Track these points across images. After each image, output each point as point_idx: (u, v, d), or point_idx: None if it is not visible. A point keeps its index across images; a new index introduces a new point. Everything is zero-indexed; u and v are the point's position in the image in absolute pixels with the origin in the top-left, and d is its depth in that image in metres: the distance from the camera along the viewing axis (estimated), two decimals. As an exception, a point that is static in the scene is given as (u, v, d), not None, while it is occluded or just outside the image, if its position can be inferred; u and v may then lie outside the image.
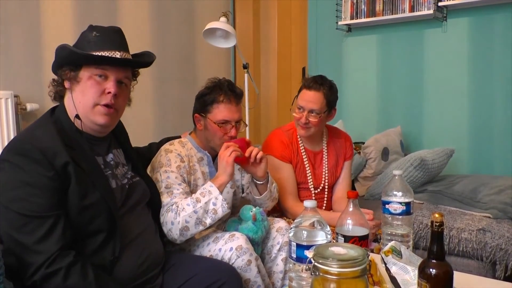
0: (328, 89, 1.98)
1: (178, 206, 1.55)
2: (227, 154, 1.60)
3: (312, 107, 1.96)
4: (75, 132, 1.32)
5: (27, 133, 1.28)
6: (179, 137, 1.94)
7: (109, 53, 1.31)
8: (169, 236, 1.57)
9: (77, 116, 1.32)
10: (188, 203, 1.55)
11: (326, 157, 2.15)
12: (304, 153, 2.11)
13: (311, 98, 1.96)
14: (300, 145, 2.10)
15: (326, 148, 2.16)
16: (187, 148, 1.75)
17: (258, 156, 1.71)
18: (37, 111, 2.33)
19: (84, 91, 1.31)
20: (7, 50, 2.26)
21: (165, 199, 1.59)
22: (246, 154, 1.68)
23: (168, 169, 1.64)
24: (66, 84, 1.34)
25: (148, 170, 1.73)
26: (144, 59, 1.45)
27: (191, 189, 1.70)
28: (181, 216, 1.53)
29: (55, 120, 1.32)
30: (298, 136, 2.10)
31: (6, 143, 2.14)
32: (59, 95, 1.37)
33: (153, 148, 1.86)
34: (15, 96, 2.24)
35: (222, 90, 1.73)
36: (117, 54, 1.32)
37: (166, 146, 1.74)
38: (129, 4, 2.85)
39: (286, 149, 2.06)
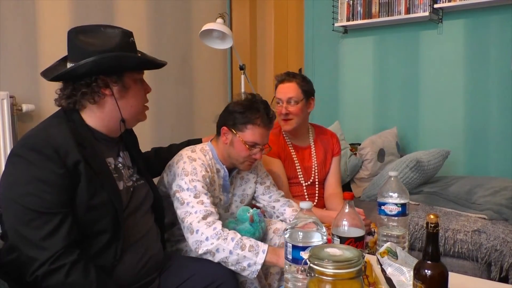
0: (301, 79, 2.09)
1: (223, 231, 1.48)
2: None
3: (289, 95, 2.05)
4: (88, 132, 1.33)
5: (42, 130, 1.28)
6: (201, 140, 1.92)
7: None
8: (189, 239, 1.51)
9: (122, 120, 1.37)
10: (233, 238, 1.47)
11: (314, 152, 2.20)
12: (292, 148, 2.16)
13: (286, 89, 2.06)
14: (287, 141, 2.16)
15: (313, 144, 2.21)
16: (208, 157, 1.72)
17: None
18: (32, 112, 2.32)
19: (137, 95, 1.38)
20: (2, 50, 2.25)
21: (198, 207, 1.53)
22: None
23: (195, 178, 1.60)
24: (107, 91, 1.32)
25: (166, 174, 1.70)
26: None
27: None
28: (218, 241, 1.46)
29: (69, 118, 1.32)
30: (283, 133, 2.16)
31: (1, 144, 2.14)
32: (86, 103, 1.33)
33: (173, 149, 1.85)
34: (11, 97, 2.23)
35: (259, 112, 1.67)
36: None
37: (189, 153, 1.68)
38: (125, 4, 2.84)
39: (273, 145, 2.08)
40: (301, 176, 2.14)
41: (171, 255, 1.58)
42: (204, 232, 1.48)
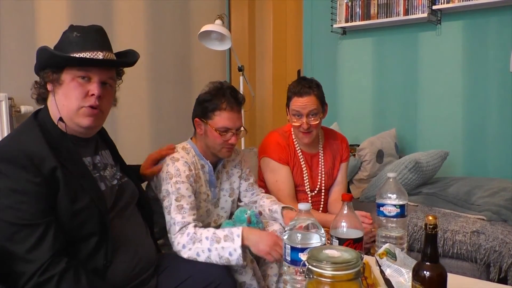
0: (316, 88, 1.98)
1: (196, 234, 1.51)
2: (280, 251, 1.47)
3: (309, 109, 1.94)
4: (60, 135, 1.29)
5: (12, 139, 1.25)
6: (139, 166, 1.84)
7: (91, 54, 1.27)
8: (177, 252, 1.53)
9: (60, 119, 1.29)
10: (207, 237, 1.49)
11: (322, 159, 2.13)
12: (301, 155, 2.09)
13: (305, 103, 1.94)
14: (297, 148, 2.09)
15: (322, 150, 2.14)
16: (191, 155, 1.72)
17: None
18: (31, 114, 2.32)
19: (67, 94, 1.27)
20: (1, 52, 2.25)
21: (175, 215, 1.55)
22: None
23: (179, 179, 1.60)
24: (49, 86, 1.31)
25: (153, 179, 1.69)
26: (128, 59, 1.41)
27: (195, 197, 1.67)
28: (195, 245, 1.49)
29: (40, 123, 1.29)
30: (294, 139, 2.09)
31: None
32: (42, 98, 1.35)
33: None
34: (9, 99, 2.23)
35: (225, 97, 1.67)
36: (100, 55, 1.28)
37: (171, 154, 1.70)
38: (124, 6, 2.84)
39: (283, 151, 2.04)
40: (308, 184, 2.09)
41: (168, 257, 1.57)
42: (180, 242, 1.51)
